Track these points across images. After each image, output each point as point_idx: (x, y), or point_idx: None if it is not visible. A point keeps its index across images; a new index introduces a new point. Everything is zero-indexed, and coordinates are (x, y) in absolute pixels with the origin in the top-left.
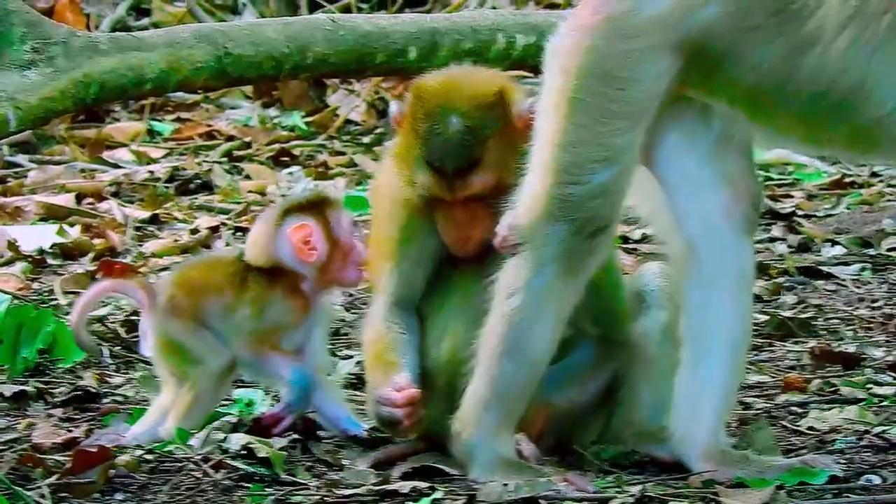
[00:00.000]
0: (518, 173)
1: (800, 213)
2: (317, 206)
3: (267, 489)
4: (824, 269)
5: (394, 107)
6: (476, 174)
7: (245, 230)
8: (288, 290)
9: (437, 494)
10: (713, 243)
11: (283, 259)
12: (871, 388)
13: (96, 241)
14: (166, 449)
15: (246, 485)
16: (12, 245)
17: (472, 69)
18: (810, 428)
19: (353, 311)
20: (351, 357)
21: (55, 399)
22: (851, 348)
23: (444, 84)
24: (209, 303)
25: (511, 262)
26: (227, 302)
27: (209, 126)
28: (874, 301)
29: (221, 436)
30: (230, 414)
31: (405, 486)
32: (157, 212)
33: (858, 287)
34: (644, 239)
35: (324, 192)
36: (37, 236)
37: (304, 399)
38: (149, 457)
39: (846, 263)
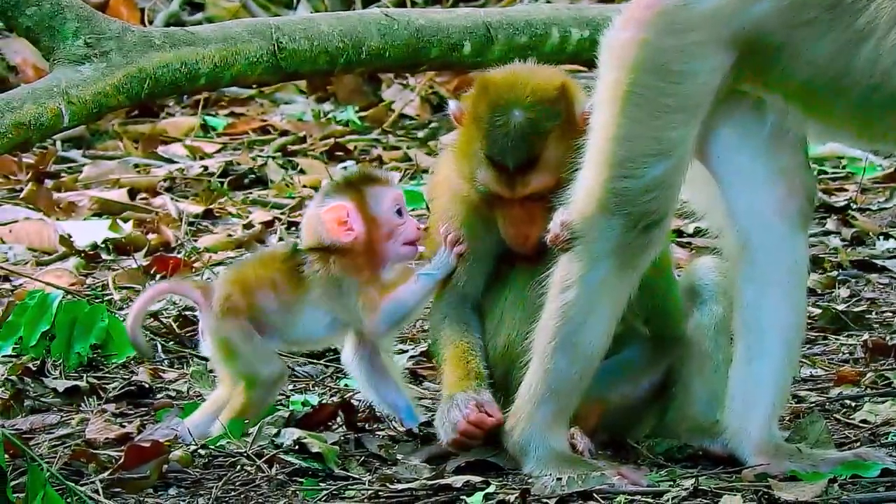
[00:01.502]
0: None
1: (853, 206)
2: (355, 185)
3: (320, 484)
4: (878, 262)
5: (453, 105)
6: (536, 171)
7: (299, 225)
8: (347, 270)
9: (491, 489)
10: (767, 238)
11: (324, 241)
12: None
13: (150, 236)
14: (219, 444)
15: (299, 479)
16: (66, 240)
17: (534, 66)
18: (863, 421)
19: None
20: (405, 352)
21: (108, 394)
22: None
23: (507, 78)
24: (265, 299)
25: (565, 256)
26: (284, 298)
27: (263, 121)
28: None
29: (274, 430)
30: (283, 408)
31: (458, 481)
32: (211, 207)
33: None
34: (698, 233)
35: (365, 169)
36: (90, 231)
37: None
38: (202, 452)
39: None
